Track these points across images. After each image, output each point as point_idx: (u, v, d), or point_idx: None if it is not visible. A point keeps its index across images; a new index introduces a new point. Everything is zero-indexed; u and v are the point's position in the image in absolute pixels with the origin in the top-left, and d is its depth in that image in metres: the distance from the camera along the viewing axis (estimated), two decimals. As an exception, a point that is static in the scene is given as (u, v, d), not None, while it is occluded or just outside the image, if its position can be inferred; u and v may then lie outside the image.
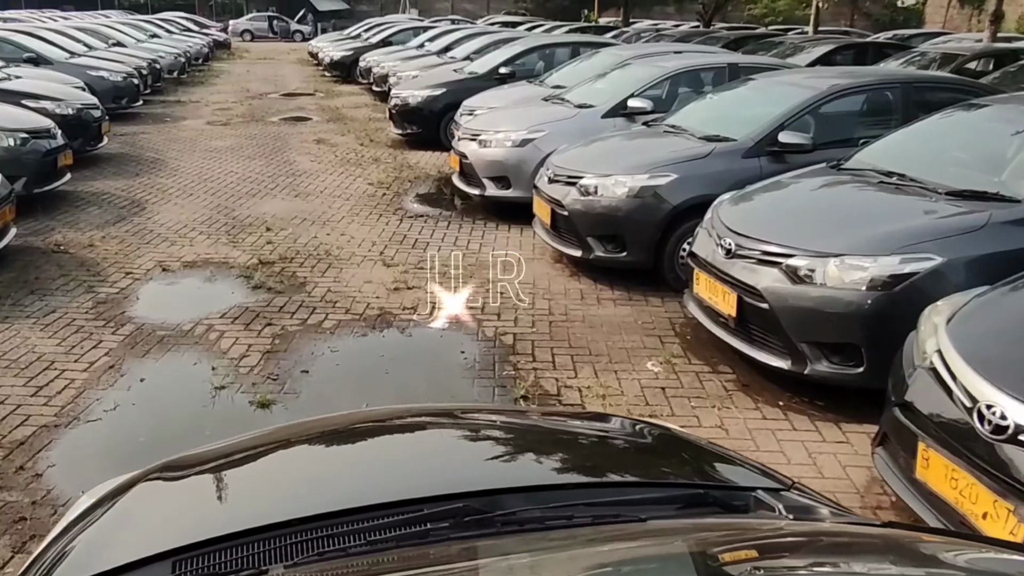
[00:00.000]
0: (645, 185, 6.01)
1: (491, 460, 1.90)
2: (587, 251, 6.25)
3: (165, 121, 14.36)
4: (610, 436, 2.15)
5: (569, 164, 6.51)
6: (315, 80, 21.89)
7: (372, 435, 2.10)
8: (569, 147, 6.93)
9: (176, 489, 1.85)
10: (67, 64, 13.75)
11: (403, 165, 10.68)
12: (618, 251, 6.19)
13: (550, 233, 6.58)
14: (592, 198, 6.19)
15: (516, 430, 2.13)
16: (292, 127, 13.89)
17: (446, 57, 15.77)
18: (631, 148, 6.72)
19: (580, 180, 6.22)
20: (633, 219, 6.08)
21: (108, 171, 10.14)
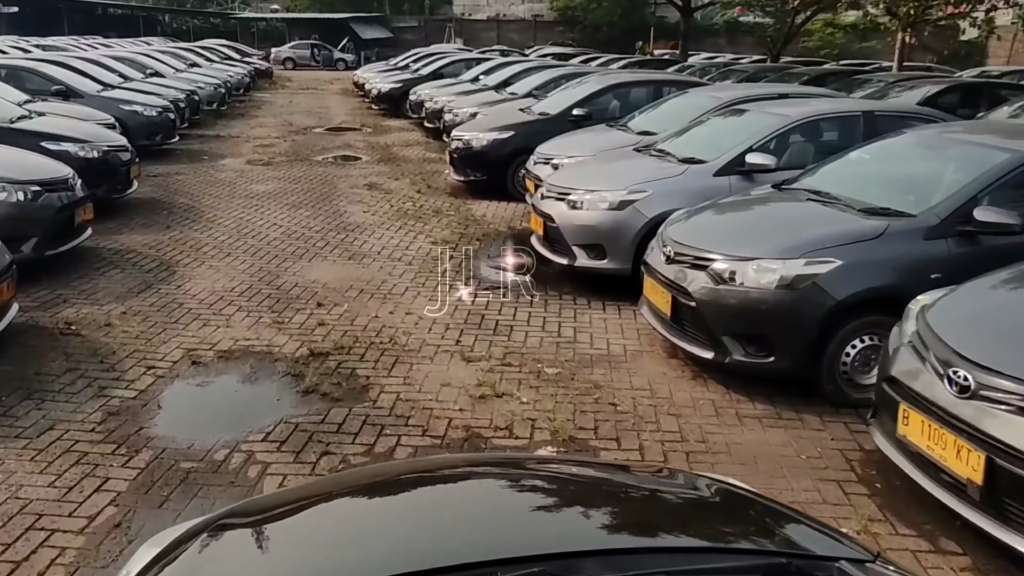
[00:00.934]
0: (801, 273, 4.65)
1: (564, 517, 1.85)
2: (722, 354, 4.87)
3: (202, 159, 13.32)
4: (681, 493, 2.09)
5: (693, 239, 5.15)
6: (361, 113, 20.89)
7: (438, 485, 2.02)
8: (685, 214, 5.58)
9: (241, 539, 1.84)
10: (99, 97, 12.79)
11: (468, 218, 9.42)
12: (763, 355, 4.81)
13: (669, 326, 5.21)
14: (729, 287, 4.82)
15: (585, 484, 2.06)
16: (340, 168, 12.75)
17: (506, 93, 14.60)
18: (772, 221, 5.37)
19: (712, 263, 4.86)
20: (784, 316, 4.71)
21: (136, 222, 9.02)
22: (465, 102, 14.61)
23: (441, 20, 50.78)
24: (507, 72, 16.61)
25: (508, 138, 10.27)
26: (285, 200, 10.32)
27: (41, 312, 6.21)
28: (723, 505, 2.00)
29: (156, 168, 12.21)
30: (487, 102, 14.11)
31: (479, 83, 16.77)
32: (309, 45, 45.60)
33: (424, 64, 22.28)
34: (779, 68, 16.68)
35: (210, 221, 9.14)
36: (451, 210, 9.83)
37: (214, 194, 10.61)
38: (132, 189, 9.66)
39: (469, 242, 8.41)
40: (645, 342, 5.62)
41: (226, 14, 56.34)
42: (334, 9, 50.71)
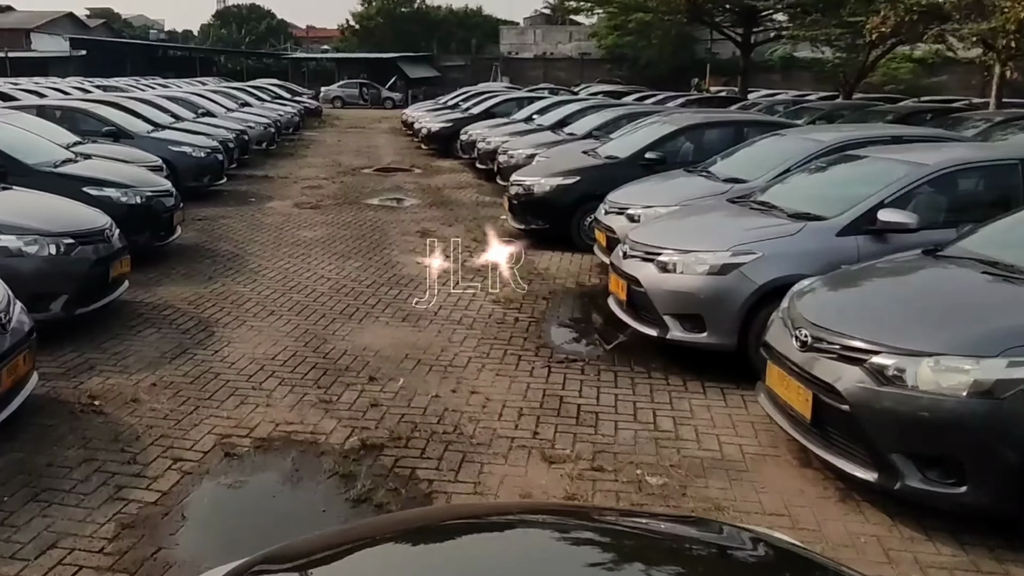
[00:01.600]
0: (1004, 378, 3.54)
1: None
2: (890, 477, 3.74)
3: (249, 202, 12.79)
4: (737, 551, 1.94)
5: (836, 321, 4.12)
6: (410, 153, 20.39)
7: (483, 533, 1.97)
8: (817, 285, 4.62)
9: None
10: (149, 138, 12.39)
11: (531, 272, 8.60)
12: (949, 483, 3.67)
13: (807, 431, 4.14)
14: (898, 390, 3.69)
15: (626, 536, 1.94)
16: (390, 213, 12.08)
17: (563, 133, 13.89)
18: (943, 300, 4.24)
19: (870, 356, 3.83)
20: (982, 433, 3.59)
21: (176, 272, 8.39)
22: (520, 143, 13.93)
23: (488, 59, 50.80)
24: (562, 111, 15.92)
25: (573, 184, 9.47)
26: (333, 248, 9.64)
27: (64, 382, 5.52)
28: (774, 564, 1.90)
29: (202, 211, 11.68)
30: (544, 143, 13.39)
31: (533, 123, 16.10)
32: (358, 84, 45.88)
33: (474, 103, 21.77)
34: (858, 105, 15.62)
35: (254, 272, 8.47)
36: (511, 261, 9.03)
37: (260, 240, 9.98)
38: (175, 236, 9.07)
39: (535, 301, 7.57)
40: (765, 441, 4.64)
41: (278, 55, 57.29)
42: (382, 49, 51.13)
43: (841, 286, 4.53)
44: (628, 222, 7.71)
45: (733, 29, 23.84)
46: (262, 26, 70.00)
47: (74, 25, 57.95)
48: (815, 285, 4.55)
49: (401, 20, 55.27)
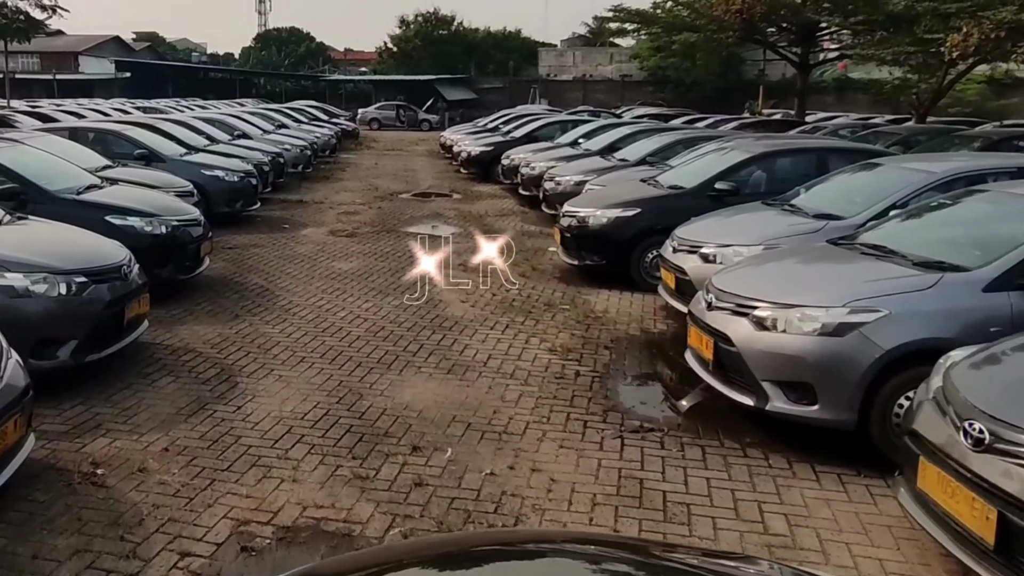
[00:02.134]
0: None
1: None
2: None
3: (283, 228, 12.16)
4: None
5: (1018, 414, 3.18)
6: (449, 177, 19.73)
7: (521, 561, 1.91)
8: (977, 359, 3.66)
9: None
10: (181, 162, 11.84)
11: (588, 315, 7.76)
12: None
13: (985, 558, 3.11)
14: None
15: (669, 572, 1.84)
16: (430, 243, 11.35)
17: (614, 159, 13.08)
18: None
19: None
20: None
21: (201, 308, 7.70)
22: (568, 169, 13.16)
23: (525, 81, 50.37)
24: (611, 136, 15.12)
25: (633, 216, 8.64)
26: (370, 283, 8.90)
27: (66, 443, 4.82)
28: None
29: (233, 238, 11.06)
30: (594, 170, 12.60)
31: (580, 147, 15.32)
32: (395, 106, 45.67)
33: (515, 126, 21.09)
34: (938, 130, 14.49)
35: (284, 310, 7.75)
36: (565, 302, 8.20)
37: (292, 272, 9.29)
38: (202, 268, 8.40)
39: (596, 350, 6.73)
40: (912, 555, 3.69)
41: (316, 76, 57.55)
42: (420, 71, 50.99)
43: (1013, 361, 3.60)
44: (702, 262, 6.86)
45: (789, 49, 22.87)
46: (301, 49, 70.55)
47: (120, 48, 58.92)
48: (976, 359, 3.61)
49: (438, 42, 55.17)
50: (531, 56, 55.39)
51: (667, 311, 7.80)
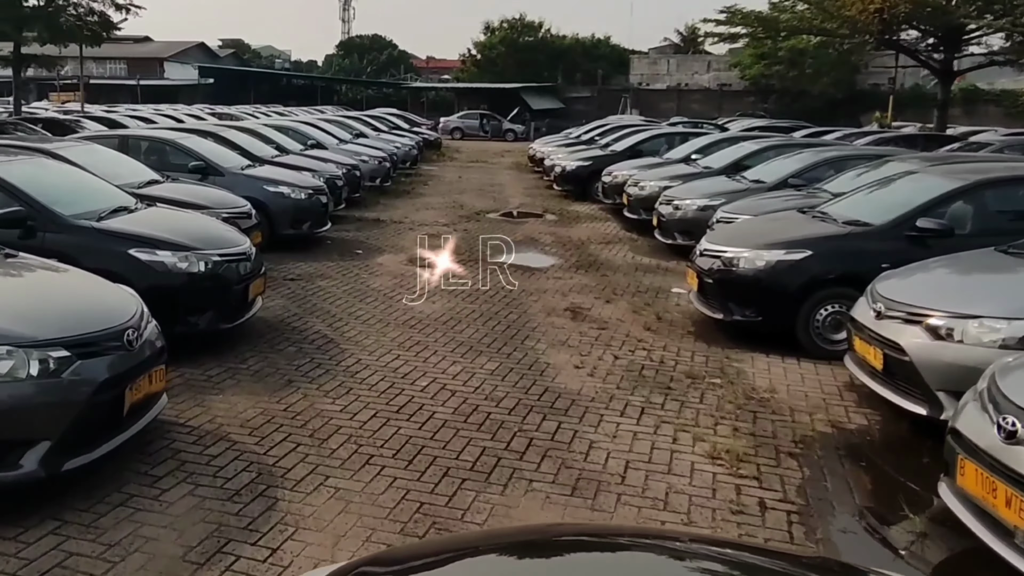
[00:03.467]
0: None
1: None
2: None
3: (355, 254, 10.51)
4: None
5: None
6: (540, 194, 17.89)
7: (594, 553, 1.87)
8: None
9: None
10: (241, 176, 10.35)
11: (750, 395, 5.74)
12: None
13: None
14: None
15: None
16: (526, 278, 9.47)
17: (745, 180, 10.99)
18: None
19: None
20: None
21: (245, 369, 6.03)
22: (688, 191, 11.15)
23: (615, 90, 48.24)
24: (734, 151, 13.02)
25: (802, 261, 6.58)
26: (457, 334, 7.09)
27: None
28: None
29: (297, 266, 9.48)
30: (721, 192, 10.58)
31: (697, 164, 13.25)
32: (478, 115, 44.21)
33: (613, 138, 19.11)
34: None
35: (350, 374, 6.00)
36: (713, 373, 6.20)
37: (363, 316, 7.58)
38: (251, 313, 6.73)
39: (777, 459, 4.72)
40: None
41: (398, 84, 56.82)
42: (504, 79, 49.47)
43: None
44: (930, 338, 4.78)
45: (929, 54, 20.24)
46: (383, 56, 70.24)
47: (205, 55, 59.60)
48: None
49: (524, 50, 53.54)
50: (620, 64, 53.23)
51: (858, 392, 5.73)
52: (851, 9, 18.54)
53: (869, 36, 19.31)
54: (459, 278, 9.27)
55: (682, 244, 10.72)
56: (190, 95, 49.60)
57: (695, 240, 10.65)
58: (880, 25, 18.40)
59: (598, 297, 8.54)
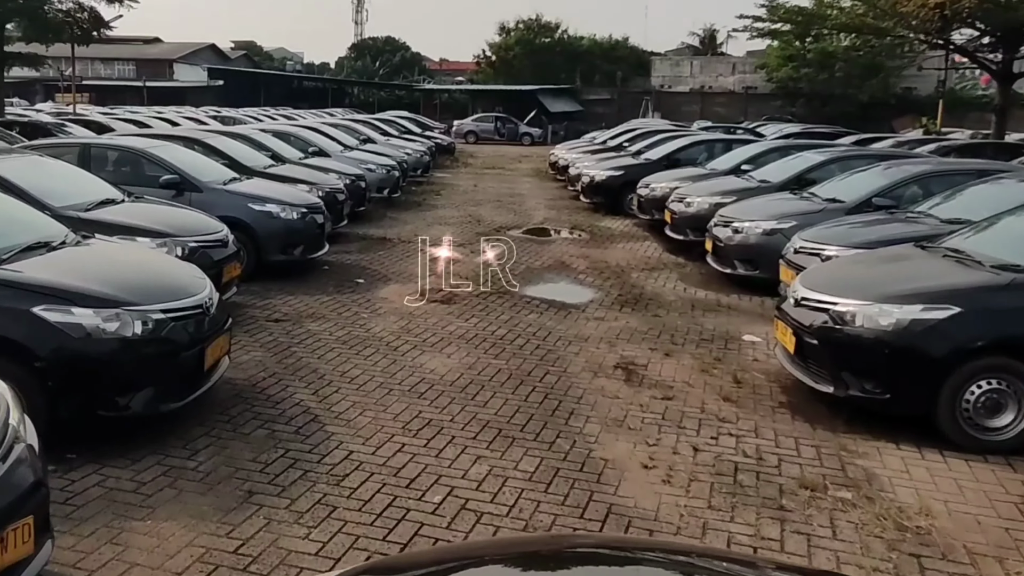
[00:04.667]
0: None
1: None
2: None
3: (355, 285, 8.86)
4: None
5: None
6: (566, 207, 16.21)
7: (599, 566, 1.77)
8: None
9: None
10: (223, 192, 8.75)
11: (898, 522, 4.00)
12: None
13: None
14: None
15: None
16: (561, 318, 7.78)
17: (817, 199, 9.28)
18: None
19: None
20: None
21: (193, 469, 4.37)
22: (751, 211, 9.49)
23: (635, 93, 46.47)
24: (793, 164, 11.31)
25: (948, 320, 4.87)
26: (479, 410, 5.41)
27: None
28: None
29: (284, 302, 7.86)
30: (793, 214, 8.92)
31: (751, 178, 11.52)
32: (493, 118, 42.56)
33: (645, 145, 17.41)
34: None
35: (334, 481, 4.35)
36: (836, 478, 4.49)
37: (358, 379, 5.92)
38: (209, 384, 5.06)
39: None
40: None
41: (410, 86, 55.25)
42: (520, 81, 47.80)
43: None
44: None
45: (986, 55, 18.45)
46: (396, 58, 68.70)
47: (216, 56, 58.29)
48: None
49: (541, 51, 51.84)
50: (639, 66, 51.47)
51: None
52: (907, 5, 16.77)
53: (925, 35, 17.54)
54: (479, 318, 7.62)
55: (745, 275, 9.05)
56: (199, 97, 48.24)
57: (760, 270, 9.04)
58: (940, 22, 16.64)
59: (654, 348, 6.85)
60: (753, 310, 8.26)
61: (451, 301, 8.25)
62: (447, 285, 8.88)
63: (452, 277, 9.29)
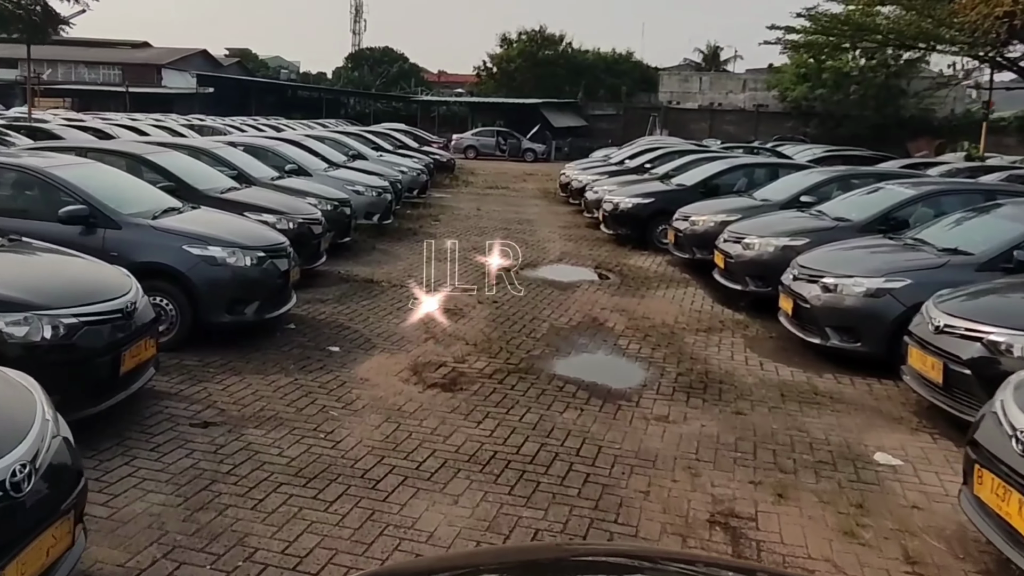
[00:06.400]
0: None
1: None
2: None
3: (328, 354, 6.64)
4: None
5: None
6: (581, 235, 14.06)
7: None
8: None
9: None
10: (150, 229, 6.51)
11: None
12: None
13: None
14: None
15: None
16: (610, 419, 5.54)
17: (929, 248, 7.13)
18: None
19: None
20: None
21: None
22: (847, 263, 7.34)
23: (642, 108, 44.50)
24: (879, 199, 9.12)
25: None
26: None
27: None
28: None
29: (221, 388, 5.66)
30: (908, 268, 6.83)
31: (823, 216, 9.36)
32: (494, 132, 40.45)
33: (674, 167, 15.28)
34: None
35: None
36: None
37: (305, 558, 3.72)
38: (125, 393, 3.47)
39: None
40: None
41: (407, 97, 53.22)
42: (522, 94, 45.78)
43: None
44: None
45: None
46: (394, 69, 66.77)
47: (207, 63, 56.07)
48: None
49: (544, 64, 49.85)
50: (643, 81, 49.58)
51: None
52: (969, 14, 14.79)
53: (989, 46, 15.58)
54: (495, 419, 5.42)
55: (845, 349, 6.89)
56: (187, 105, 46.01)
57: (864, 344, 6.91)
58: (1007, 33, 14.68)
59: (755, 480, 4.66)
60: (863, 401, 6.10)
61: (455, 385, 6.05)
62: (451, 356, 6.70)
63: (455, 341, 7.12)
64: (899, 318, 6.49)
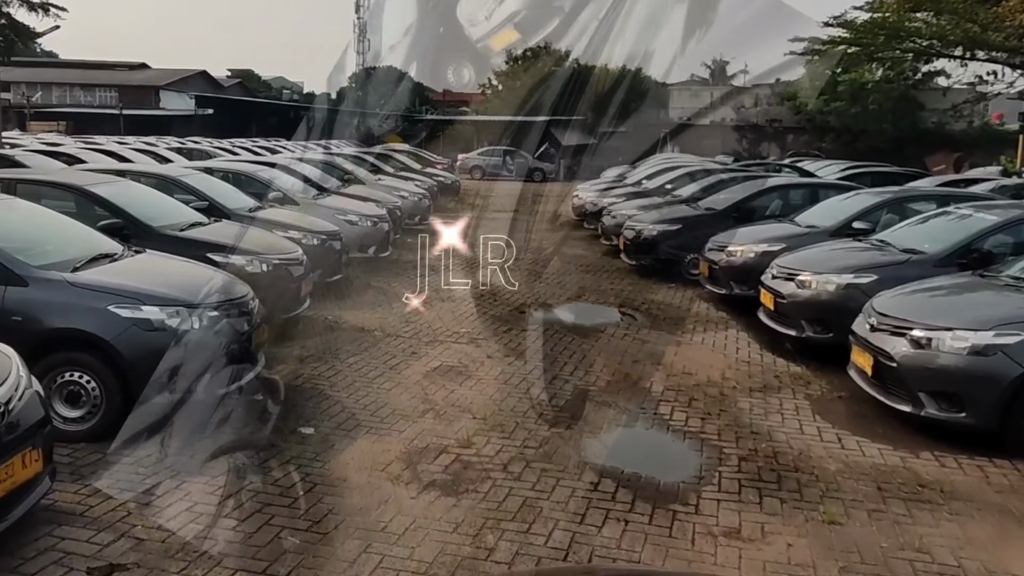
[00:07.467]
0: None
1: None
2: None
3: (300, 438, 5.28)
4: None
5: None
6: (599, 265, 12.71)
7: None
8: None
9: None
10: (65, 284, 5.18)
11: None
12: None
13: None
14: None
15: None
16: (666, 538, 4.18)
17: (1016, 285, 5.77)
18: None
19: None
20: None
21: None
22: (938, 310, 6.00)
23: (652, 125, 43.23)
24: (958, 227, 7.75)
25: None
26: None
27: None
28: None
29: (149, 505, 4.29)
30: (1005, 320, 5.38)
31: (890, 247, 7.95)
32: (501, 151, 39.19)
33: (699, 189, 13.92)
34: None
35: None
36: None
37: None
38: None
39: None
40: None
41: (410, 116, 52.16)
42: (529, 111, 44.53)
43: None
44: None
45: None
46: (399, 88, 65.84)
47: (207, 84, 55.26)
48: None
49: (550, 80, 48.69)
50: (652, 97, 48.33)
51: None
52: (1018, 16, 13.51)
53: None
54: (513, 540, 4.05)
55: (944, 418, 5.50)
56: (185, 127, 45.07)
57: (969, 414, 5.54)
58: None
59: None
60: (983, 495, 4.70)
61: (459, 485, 4.68)
62: (454, 438, 5.34)
63: (460, 415, 5.76)
64: (1016, 382, 5.15)
